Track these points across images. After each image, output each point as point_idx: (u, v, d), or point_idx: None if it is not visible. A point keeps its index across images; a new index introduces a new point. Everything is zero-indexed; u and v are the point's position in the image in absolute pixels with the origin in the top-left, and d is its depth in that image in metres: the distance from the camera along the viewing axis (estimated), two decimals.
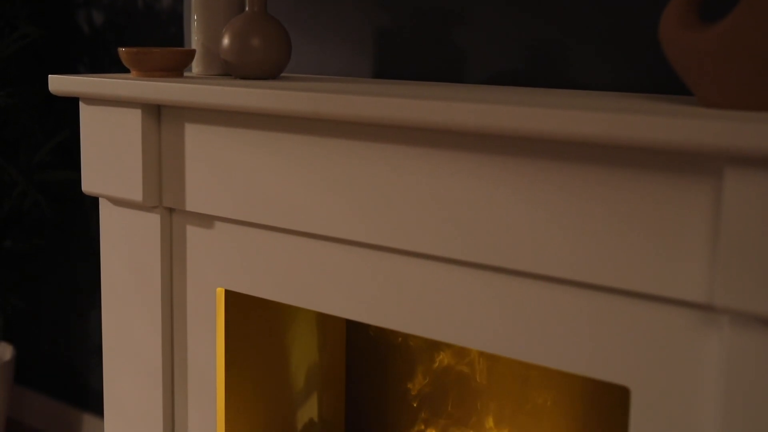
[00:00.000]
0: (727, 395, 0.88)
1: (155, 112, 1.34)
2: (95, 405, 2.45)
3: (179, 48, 1.39)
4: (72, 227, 2.47)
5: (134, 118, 1.33)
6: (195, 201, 1.32)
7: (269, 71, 1.33)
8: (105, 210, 1.44)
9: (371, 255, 1.16)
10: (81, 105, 1.39)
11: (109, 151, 1.37)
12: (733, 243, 0.85)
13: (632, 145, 0.89)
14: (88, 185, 1.41)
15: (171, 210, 1.37)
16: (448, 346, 1.47)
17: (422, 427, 1.53)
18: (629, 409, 0.98)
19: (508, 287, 1.05)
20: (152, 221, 1.37)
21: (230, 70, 1.34)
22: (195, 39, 1.45)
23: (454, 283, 1.09)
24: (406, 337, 1.54)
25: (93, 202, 2.27)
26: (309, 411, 1.60)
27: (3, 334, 2.54)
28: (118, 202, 1.41)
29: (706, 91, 0.93)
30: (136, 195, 1.34)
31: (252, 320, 1.46)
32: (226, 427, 1.40)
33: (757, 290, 0.84)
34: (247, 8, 1.34)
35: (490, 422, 1.46)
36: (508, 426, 1.43)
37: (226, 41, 1.32)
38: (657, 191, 0.92)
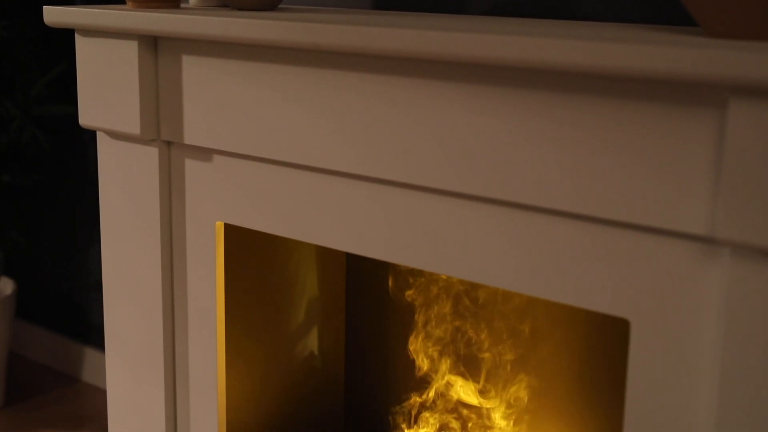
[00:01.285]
0: (727, 327, 0.88)
1: (152, 44, 1.32)
2: (96, 339, 2.47)
3: None
4: (70, 162, 2.46)
5: (131, 49, 1.31)
6: (193, 134, 1.31)
7: (267, 2, 1.31)
8: (103, 144, 1.43)
9: (370, 188, 1.15)
10: (77, 37, 1.37)
11: (105, 84, 1.36)
12: (736, 175, 0.85)
13: (634, 76, 0.88)
14: (85, 118, 1.40)
15: (169, 143, 1.36)
16: (448, 278, 1.47)
17: (422, 358, 1.53)
18: (629, 342, 0.98)
19: (508, 220, 1.04)
20: (150, 155, 1.36)
21: (227, 0, 1.32)
22: None
23: (454, 215, 1.08)
24: (405, 269, 1.54)
25: (91, 136, 2.26)
26: (309, 344, 1.60)
27: (3, 268, 2.54)
28: (115, 135, 1.40)
29: (712, 22, 0.91)
30: (134, 128, 1.33)
31: (251, 254, 1.46)
32: (226, 359, 1.40)
33: (759, 222, 0.84)
34: None
35: (489, 354, 1.46)
36: (508, 355, 1.44)
37: None
38: (659, 123, 0.91)
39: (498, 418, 1.46)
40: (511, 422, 1.44)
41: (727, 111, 0.86)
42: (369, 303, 1.62)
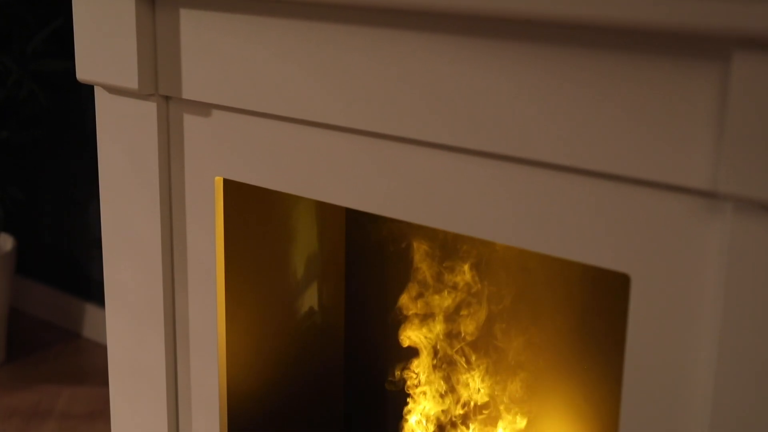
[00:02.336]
0: (728, 282, 0.88)
1: None
2: (97, 295, 2.47)
3: None
4: (69, 117, 2.45)
5: (128, 3, 1.30)
6: (192, 88, 1.30)
7: None
8: (100, 99, 1.42)
9: (368, 142, 1.15)
10: None
11: (103, 38, 1.34)
12: (740, 128, 0.84)
13: (634, 27, 0.87)
14: (82, 72, 1.39)
15: (167, 98, 1.35)
16: (447, 233, 1.46)
17: (422, 312, 1.54)
18: (629, 297, 0.98)
19: (506, 174, 1.04)
20: (148, 109, 1.36)
21: None
22: None
23: (452, 170, 1.08)
24: (405, 224, 1.54)
25: (89, 91, 2.24)
26: (309, 300, 1.61)
27: (2, 225, 2.54)
28: (113, 90, 1.39)
29: None
30: (132, 82, 1.32)
31: (251, 210, 1.46)
32: (226, 314, 1.40)
33: (762, 176, 0.83)
34: None
35: (489, 309, 1.46)
36: (508, 313, 1.44)
37: None
38: (660, 76, 0.90)
39: (497, 372, 1.46)
40: (510, 378, 1.45)
41: (731, 63, 0.85)
42: (369, 258, 1.62)
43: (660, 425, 0.97)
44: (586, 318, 1.37)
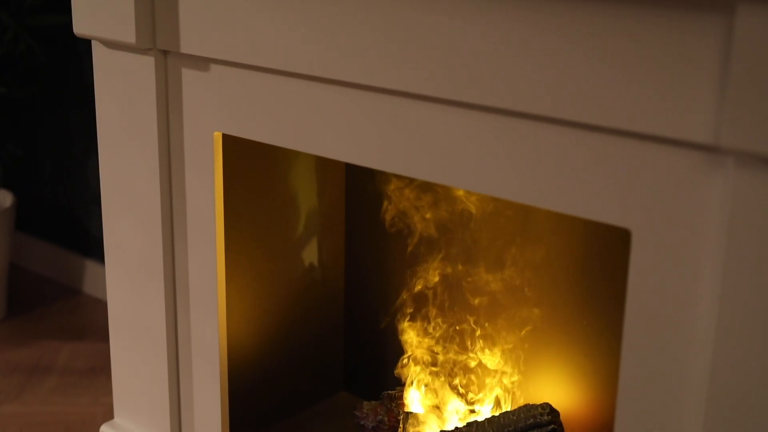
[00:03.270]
0: (729, 237, 0.88)
1: None
2: (97, 251, 2.47)
3: None
4: (67, 73, 2.44)
5: None
6: (190, 43, 1.29)
7: None
8: (98, 53, 1.41)
9: (367, 97, 1.14)
10: None
11: None
12: (743, 82, 0.83)
13: None
14: (79, 27, 1.37)
15: (165, 53, 1.34)
16: (447, 189, 1.46)
17: (422, 269, 1.54)
18: (630, 252, 0.97)
19: (507, 128, 1.03)
20: (146, 64, 1.34)
21: None
22: None
23: (453, 125, 1.07)
24: (406, 180, 1.53)
25: (86, 46, 2.23)
26: (309, 256, 1.60)
27: (1, 181, 2.53)
28: (110, 44, 1.38)
29: None
30: (129, 36, 1.31)
31: (250, 165, 1.45)
32: (226, 270, 1.40)
33: (765, 130, 0.82)
34: None
35: (489, 265, 1.46)
36: (508, 268, 1.44)
37: None
38: (664, 29, 0.89)
39: (496, 327, 1.46)
40: (510, 333, 1.45)
41: (735, 16, 0.84)
42: (368, 215, 1.62)
43: (660, 380, 0.97)
44: (586, 273, 1.37)
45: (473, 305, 1.48)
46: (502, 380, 1.46)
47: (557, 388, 1.42)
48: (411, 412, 1.47)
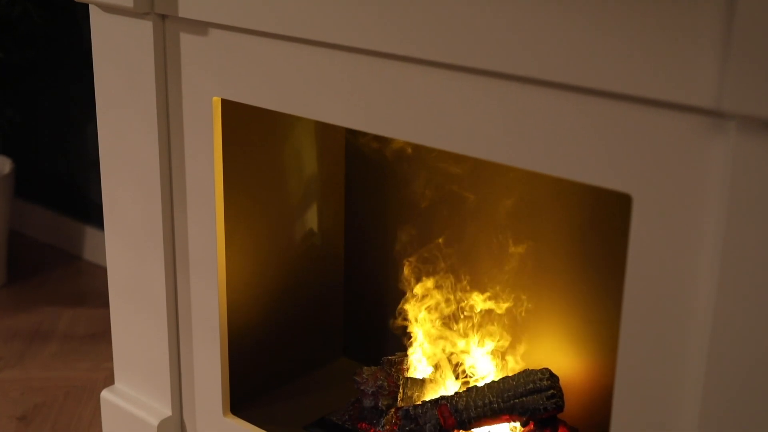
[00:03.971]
0: (731, 201, 0.87)
1: None
2: (96, 217, 2.47)
3: None
4: (65, 38, 2.42)
5: None
6: (188, 7, 1.28)
7: None
8: (96, 18, 1.40)
9: (369, 61, 1.13)
10: None
11: None
12: (746, 45, 0.82)
13: None
14: None
15: (164, 17, 1.33)
16: (448, 155, 1.45)
17: (421, 234, 1.53)
18: (630, 217, 0.97)
19: (508, 93, 1.02)
20: (144, 29, 1.33)
21: None
22: None
23: (453, 89, 1.06)
24: (405, 146, 1.53)
25: (84, 10, 2.21)
26: (309, 221, 1.60)
27: (0, 147, 2.53)
28: (108, 8, 1.37)
29: None
30: (127, 1, 1.30)
31: (249, 131, 1.45)
32: (226, 235, 1.40)
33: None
34: None
35: (489, 230, 1.46)
36: (509, 233, 1.44)
37: None
38: None
39: (495, 294, 1.46)
40: (509, 298, 1.45)
41: None
42: (368, 180, 1.61)
43: (659, 345, 0.97)
44: (586, 239, 1.37)
45: (472, 271, 1.48)
46: (501, 345, 1.47)
47: (557, 354, 1.43)
48: (411, 378, 1.47)
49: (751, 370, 0.89)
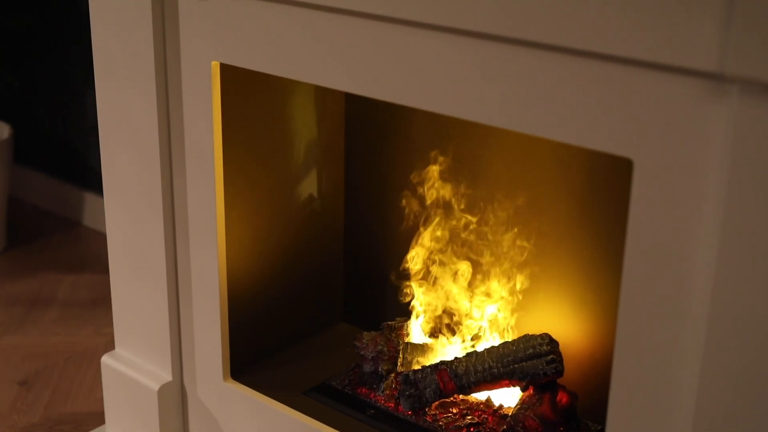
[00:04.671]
0: (733, 166, 0.87)
1: None
2: (96, 183, 2.46)
3: None
4: (63, 2, 2.41)
5: None
6: None
7: None
8: None
9: (368, 25, 1.12)
10: None
11: None
12: (751, 6, 0.81)
13: None
14: None
15: None
16: (448, 119, 1.45)
17: (421, 196, 1.53)
18: (631, 182, 0.97)
19: (508, 57, 1.01)
20: None
21: None
22: None
23: (453, 53, 1.06)
24: (406, 111, 1.52)
25: None
26: (308, 187, 1.60)
27: None
28: None
29: None
30: None
31: (249, 95, 1.44)
32: (225, 201, 1.40)
33: None
34: None
35: (490, 194, 1.46)
36: (508, 198, 1.44)
37: None
38: None
39: (496, 257, 1.46)
40: (509, 263, 1.45)
41: None
42: (368, 146, 1.61)
43: (660, 310, 0.97)
44: (586, 204, 1.37)
45: (473, 234, 1.48)
46: (501, 310, 1.47)
47: (557, 319, 1.43)
48: (411, 343, 1.47)
49: (751, 331, 0.89)
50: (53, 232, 2.53)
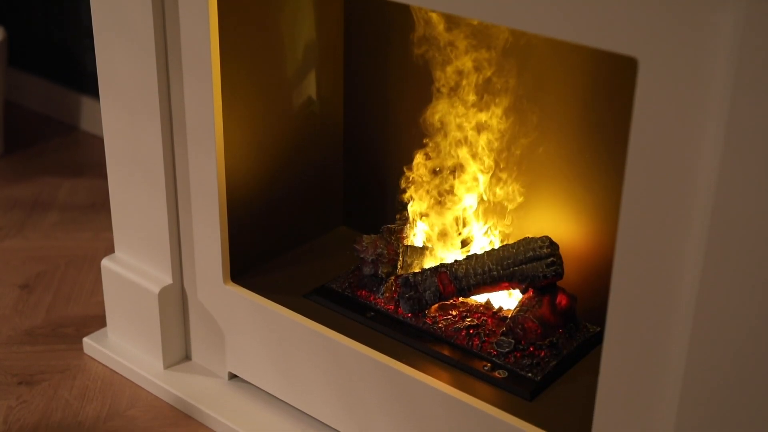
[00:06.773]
0: (740, 66, 0.85)
1: None
2: (92, 88, 2.44)
3: None
4: None
5: None
6: None
7: None
8: None
9: None
10: None
11: None
12: None
13: None
14: None
15: None
16: (449, 17, 1.42)
17: (422, 99, 1.51)
18: (635, 83, 0.95)
19: None
20: None
21: None
22: None
23: None
24: (405, 11, 1.49)
25: None
26: (307, 89, 1.58)
27: None
28: None
29: None
30: None
31: None
32: (223, 104, 1.38)
33: None
34: None
35: (490, 97, 1.44)
36: (511, 100, 1.42)
37: None
38: None
39: (499, 160, 1.45)
40: (511, 165, 1.44)
41: None
42: (368, 47, 1.58)
43: (661, 213, 0.96)
44: (589, 105, 1.35)
45: (475, 137, 1.47)
46: (501, 210, 1.46)
47: (557, 222, 1.42)
48: (410, 245, 1.47)
49: (751, 247, 0.89)
50: (51, 136, 2.51)
